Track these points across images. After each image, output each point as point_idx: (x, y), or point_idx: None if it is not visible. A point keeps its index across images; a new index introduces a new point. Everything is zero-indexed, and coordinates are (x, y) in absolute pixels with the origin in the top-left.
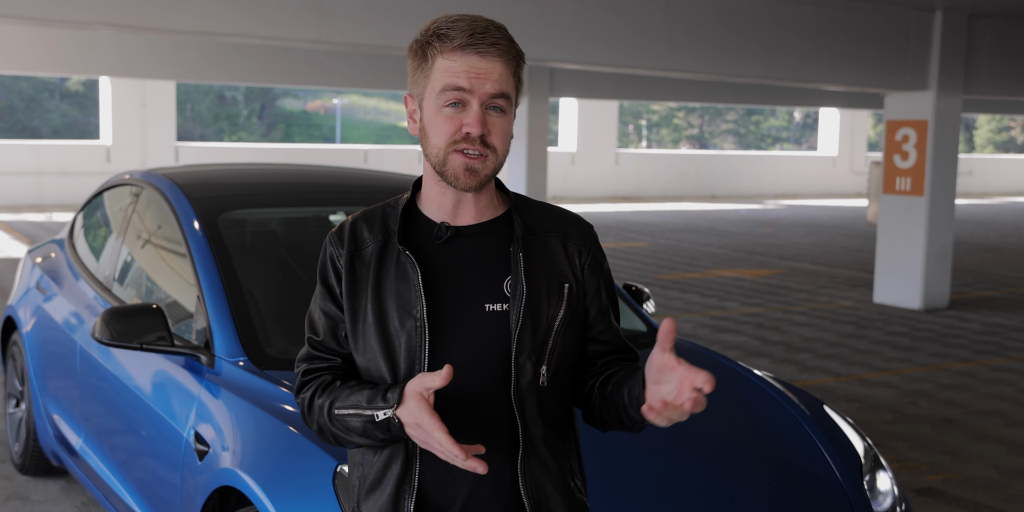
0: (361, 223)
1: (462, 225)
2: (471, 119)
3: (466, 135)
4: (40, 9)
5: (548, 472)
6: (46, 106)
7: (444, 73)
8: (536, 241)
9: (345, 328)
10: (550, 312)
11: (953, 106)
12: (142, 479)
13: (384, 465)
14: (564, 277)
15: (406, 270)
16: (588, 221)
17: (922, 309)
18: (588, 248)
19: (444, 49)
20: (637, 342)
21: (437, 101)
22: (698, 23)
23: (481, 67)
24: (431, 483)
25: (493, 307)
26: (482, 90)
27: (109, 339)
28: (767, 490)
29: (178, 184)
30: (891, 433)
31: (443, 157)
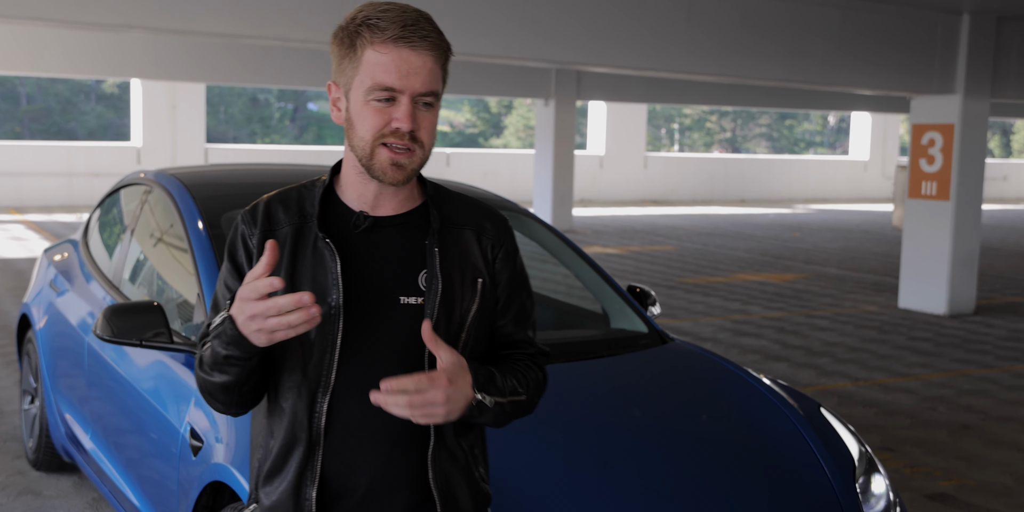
0: (276, 204)
1: (380, 216)
2: (401, 114)
3: (395, 130)
4: (63, 11)
5: (456, 463)
6: (82, 108)
7: (375, 67)
8: (451, 235)
9: None
10: (463, 306)
11: (980, 110)
12: (146, 477)
13: (286, 451)
14: (477, 271)
15: (323, 257)
16: (503, 214)
17: (947, 314)
18: (501, 242)
19: (375, 40)
20: (638, 343)
21: (366, 95)
22: (720, 26)
23: (412, 62)
24: (334, 470)
25: (408, 300)
26: (412, 88)
27: (110, 335)
28: (759, 492)
29: (184, 183)
30: (907, 438)
31: (369, 150)
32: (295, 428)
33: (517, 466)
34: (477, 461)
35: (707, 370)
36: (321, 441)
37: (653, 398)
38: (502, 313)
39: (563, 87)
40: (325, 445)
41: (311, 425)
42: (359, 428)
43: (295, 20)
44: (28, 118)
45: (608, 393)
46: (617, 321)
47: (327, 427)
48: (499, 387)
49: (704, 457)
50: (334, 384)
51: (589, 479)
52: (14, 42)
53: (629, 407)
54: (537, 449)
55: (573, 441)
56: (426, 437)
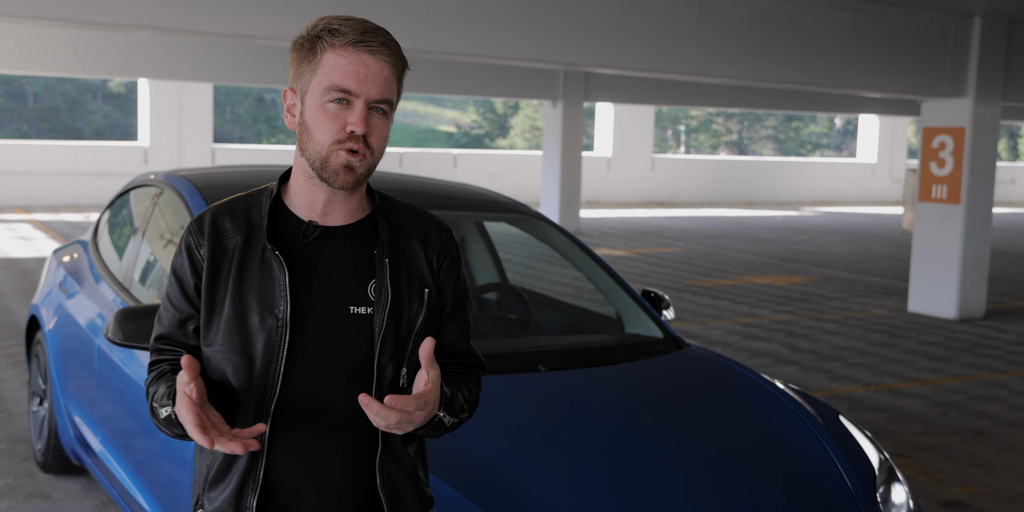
0: (224, 214)
1: (330, 225)
2: (356, 118)
3: (350, 134)
4: (74, 11)
5: (404, 468)
6: (88, 107)
7: (333, 70)
8: (398, 245)
9: (196, 321)
10: (410, 316)
11: (991, 113)
12: (156, 480)
13: (230, 458)
14: (424, 281)
15: (271, 267)
16: (447, 225)
17: (957, 319)
18: (446, 252)
19: (335, 44)
20: (653, 349)
21: (322, 98)
22: (731, 28)
23: (371, 67)
24: (281, 478)
25: (357, 310)
26: (368, 93)
27: (121, 339)
28: (777, 501)
29: (195, 185)
30: (919, 444)
31: (325, 154)
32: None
33: (534, 472)
34: (419, 466)
35: (724, 377)
36: (265, 451)
37: (670, 405)
38: (446, 322)
39: (571, 88)
40: (270, 454)
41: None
42: (306, 437)
43: (305, 20)
44: (35, 117)
45: (625, 400)
46: (632, 326)
47: (273, 436)
48: (454, 408)
49: (723, 466)
50: (279, 394)
51: (606, 487)
52: (22, 41)
53: (646, 414)
54: (555, 455)
55: (591, 447)
56: (374, 444)
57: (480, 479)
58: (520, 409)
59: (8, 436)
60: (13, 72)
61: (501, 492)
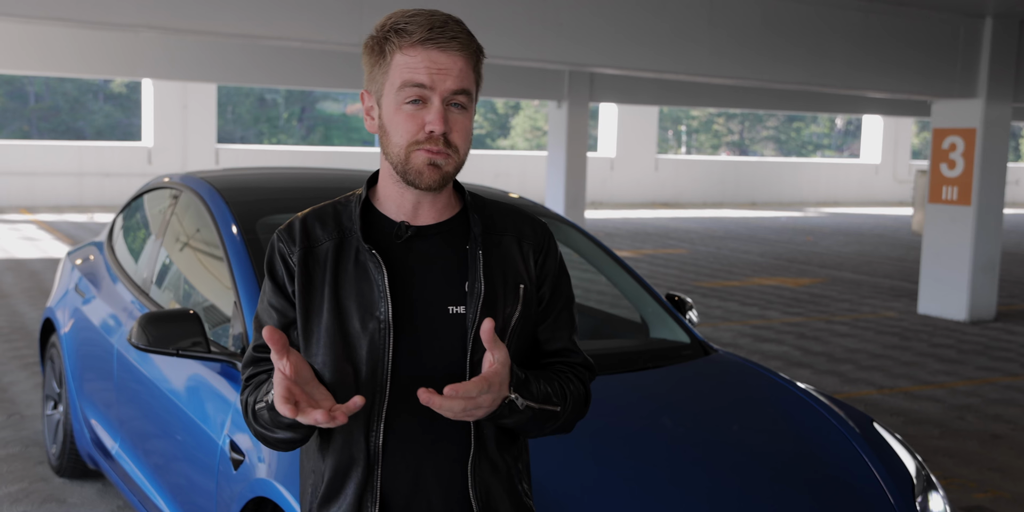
0: (313, 220)
1: (421, 225)
2: (433, 117)
3: (429, 134)
4: (84, 12)
5: (497, 475)
6: (90, 107)
7: (403, 69)
8: (491, 241)
9: (295, 330)
10: (506, 312)
11: (1002, 114)
12: (176, 484)
13: (342, 473)
14: (519, 277)
15: (367, 269)
16: (542, 220)
17: (968, 321)
18: (542, 247)
19: (403, 44)
20: (680, 354)
21: (397, 98)
22: (742, 29)
23: (442, 62)
24: (394, 488)
25: (456, 309)
26: (443, 86)
27: (146, 344)
28: (813, 508)
29: (216, 188)
30: (938, 448)
31: (404, 155)
32: (351, 449)
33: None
34: (521, 475)
35: (755, 383)
36: (380, 460)
37: (702, 413)
38: (543, 318)
39: (576, 89)
40: (384, 464)
41: (368, 444)
42: (416, 443)
43: (316, 21)
44: (36, 117)
45: (655, 406)
46: (657, 330)
47: (385, 444)
48: (532, 392)
49: (758, 473)
50: (388, 399)
51: (630, 488)
52: (27, 42)
53: (676, 421)
54: (582, 462)
55: (621, 455)
56: (466, 447)
57: None
58: None
59: (21, 439)
60: (19, 72)
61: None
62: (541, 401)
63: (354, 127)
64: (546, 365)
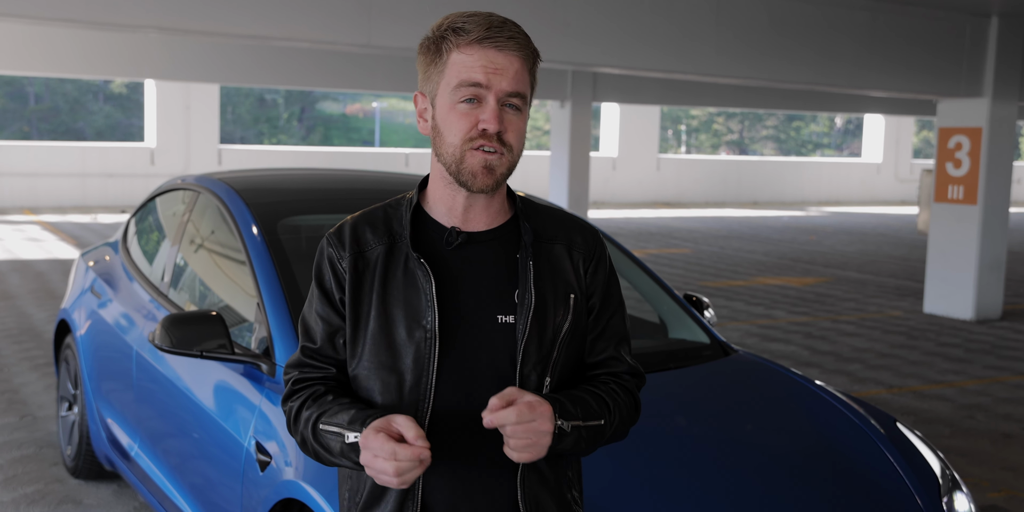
0: (363, 225)
1: (472, 231)
2: (488, 115)
3: (483, 131)
4: (94, 12)
5: (547, 485)
6: (90, 108)
7: (460, 67)
8: (542, 249)
9: (344, 335)
10: (556, 322)
11: (1008, 113)
12: (197, 484)
13: None
14: (569, 287)
15: (416, 277)
16: (594, 226)
17: (974, 320)
18: (592, 256)
19: (460, 43)
20: (701, 355)
21: (452, 97)
22: (748, 29)
23: (499, 62)
24: (436, 498)
25: (506, 319)
26: (499, 86)
27: (169, 346)
28: (838, 508)
29: (236, 189)
30: (950, 447)
31: (459, 155)
32: None
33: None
34: (571, 484)
35: (778, 383)
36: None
37: (724, 413)
38: (591, 328)
39: (579, 89)
40: (427, 473)
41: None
42: (457, 453)
43: (325, 22)
44: (36, 118)
45: (677, 407)
46: (675, 331)
47: None
48: (571, 412)
49: (782, 473)
50: (431, 409)
51: (650, 488)
52: (30, 42)
53: (699, 422)
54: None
55: (640, 455)
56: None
57: None
58: None
59: (35, 441)
60: (23, 73)
61: None
62: (585, 418)
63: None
64: (591, 376)
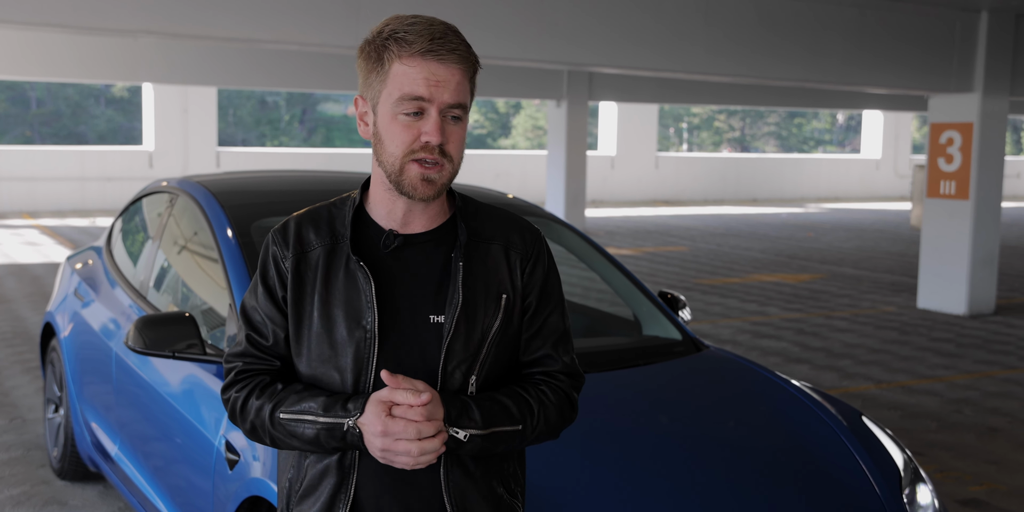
0: (307, 224)
1: (410, 233)
2: (430, 128)
3: (424, 144)
4: (83, 17)
5: (472, 479)
6: (92, 112)
7: (402, 79)
8: (478, 249)
9: (285, 330)
10: (486, 322)
11: (999, 108)
12: (175, 486)
13: (320, 472)
14: (503, 287)
15: (356, 278)
16: (536, 228)
17: (967, 315)
18: (531, 255)
19: (402, 54)
20: (672, 351)
21: (395, 108)
22: (737, 27)
23: (440, 74)
24: (368, 493)
25: (437, 318)
26: (441, 99)
27: (142, 347)
28: (803, 501)
29: (212, 191)
30: (934, 442)
31: (399, 167)
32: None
33: (552, 475)
34: (504, 478)
35: (745, 378)
36: (356, 464)
37: (692, 408)
38: (527, 327)
39: (575, 88)
40: (360, 469)
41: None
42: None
43: (313, 24)
44: (38, 122)
45: (646, 403)
46: (649, 328)
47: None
48: (475, 419)
49: (746, 468)
50: None
51: (626, 491)
52: (28, 48)
53: (667, 417)
54: (574, 459)
55: (612, 451)
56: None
57: None
58: None
59: (23, 443)
60: (20, 78)
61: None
62: (488, 425)
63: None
64: (525, 376)
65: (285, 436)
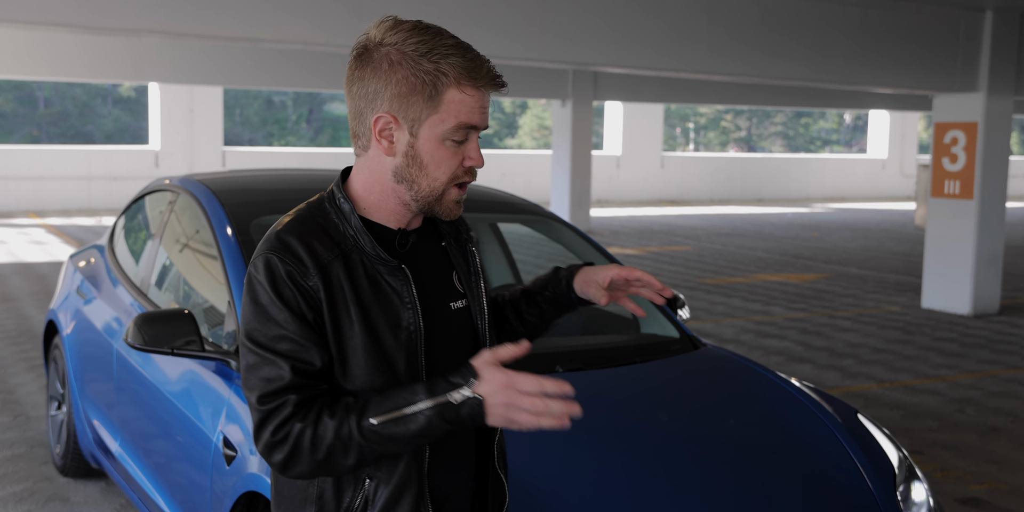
0: (308, 238)
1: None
2: (475, 153)
3: (469, 169)
4: (86, 17)
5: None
6: (99, 112)
7: (461, 108)
8: (460, 239)
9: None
10: (487, 301)
11: (1004, 108)
12: (175, 483)
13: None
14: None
15: (380, 282)
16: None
17: (971, 314)
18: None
19: (462, 82)
20: (669, 349)
21: (445, 134)
22: (740, 26)
23: (487, 103)
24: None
25: (456, 305)
26: (484, 124)
27: (141, 344)
28: (796, 500)
29: (212, 190)
30: (936, 441)
31: (441, 191)
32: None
33: (552, 472)
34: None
35: (741, 376)
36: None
37: (688, 405)
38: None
39: (580, 88)
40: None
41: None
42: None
43: (317, 24)
44: (46, 122)
45: (642, 400)
46: (647, 326)
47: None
48: None
49: (741, 465)
50: None
51: (624, 487)
52: (34, 47)
53: (663, 414)
54: (573, 455)
55: (609, 447)
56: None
57: None
58: None
59: (27, 440)
60: (27, 78)
61: (522, 492)
62: None
63: None
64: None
65: (381, 443)
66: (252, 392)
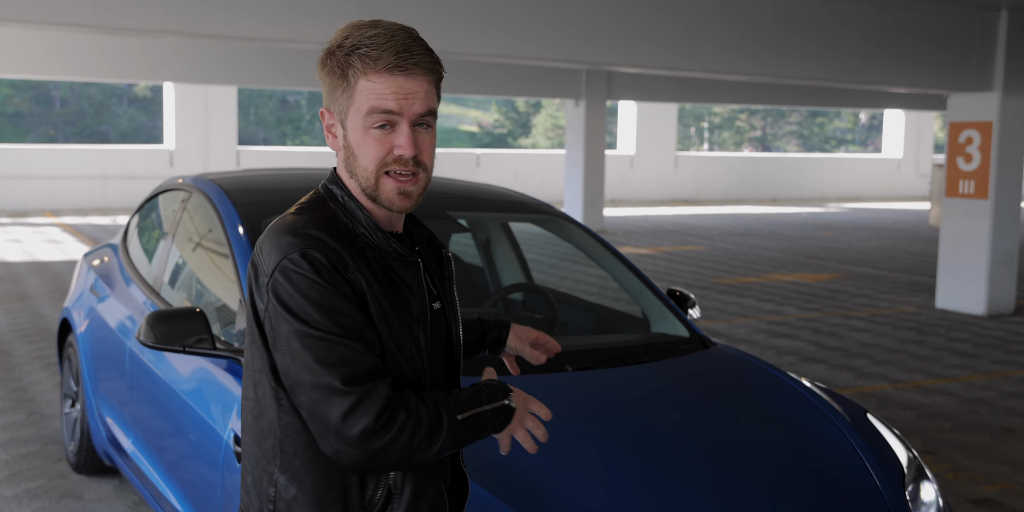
0: (328, 234)
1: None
2: (403, 141)
3: (398, 157)
4: (100, 17)
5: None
6: (114, 111)
7: (370, 95)
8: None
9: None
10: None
11: (1019, 107)
12: (187, 481)
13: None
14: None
15: (394, 278)
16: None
17: (986, 315)
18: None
19: (368, 70)
20: (679, 348)
21: (364, 122)
22: (754, 25)
23: (408, 87)
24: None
25: (435, 305)
26: (411, 110)
27: (153, 342)
28: (805, 499)
29: (224, 189)
30: (948, 441)
31: (374, 181)
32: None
33: (562, 471)
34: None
35: (751, 375)
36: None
37: (697, 404)
38: None
39: (593, 87)
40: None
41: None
42: None
43: (330, 24)
44: (61, 121)
45: (652, 399)
46: (657, 325)
47: None
48: None
49: (750, 464)
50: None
51: (634, 486)
52: (50, 47)
53: (673, 413)
54: (583, 454)
55: (618, 446)
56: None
57: (509, 478)
58: None
59: (41, 437)
60: (43, 78)
61: (531, 491)
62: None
63: None
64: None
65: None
66: (332, 377)
